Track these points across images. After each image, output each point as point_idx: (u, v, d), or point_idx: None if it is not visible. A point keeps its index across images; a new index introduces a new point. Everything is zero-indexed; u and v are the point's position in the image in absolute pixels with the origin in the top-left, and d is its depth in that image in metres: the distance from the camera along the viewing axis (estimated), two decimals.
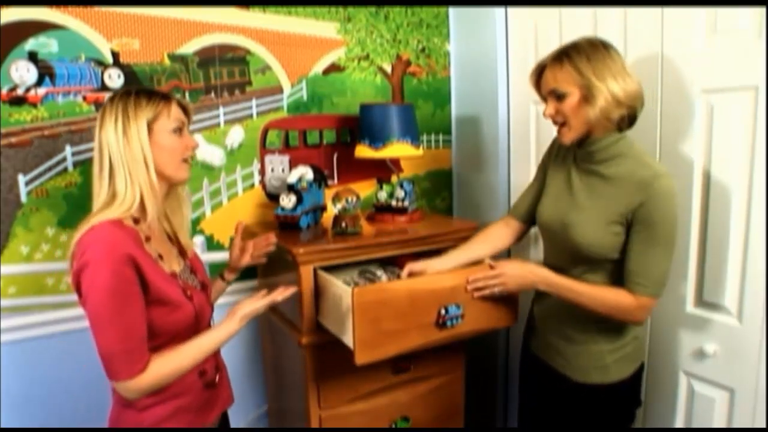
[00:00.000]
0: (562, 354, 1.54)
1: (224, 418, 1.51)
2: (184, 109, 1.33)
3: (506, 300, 1.64)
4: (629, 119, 1.39)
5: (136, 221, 1.24)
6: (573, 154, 1.52)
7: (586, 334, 1.49)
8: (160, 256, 1.28)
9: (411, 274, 1.61)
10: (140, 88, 1.30)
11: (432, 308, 1.54)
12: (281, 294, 1.38)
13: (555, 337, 1.56)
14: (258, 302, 1.35)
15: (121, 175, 1.20)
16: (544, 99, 1.47)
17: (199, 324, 1.31)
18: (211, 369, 1.37)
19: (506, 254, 2.17)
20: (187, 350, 1.24)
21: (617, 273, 1.43)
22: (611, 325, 1.46)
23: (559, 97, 1.41)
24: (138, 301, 1.16)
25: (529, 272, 1.52)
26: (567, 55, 1.39)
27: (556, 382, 1.56)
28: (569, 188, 1.51)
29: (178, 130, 1.29)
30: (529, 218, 1.69)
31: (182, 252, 1.40)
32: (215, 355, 1.39)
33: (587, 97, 1.36)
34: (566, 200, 1.50)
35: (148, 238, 1.26)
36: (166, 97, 1.29)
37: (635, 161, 1.39)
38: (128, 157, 1.20)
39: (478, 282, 1.56)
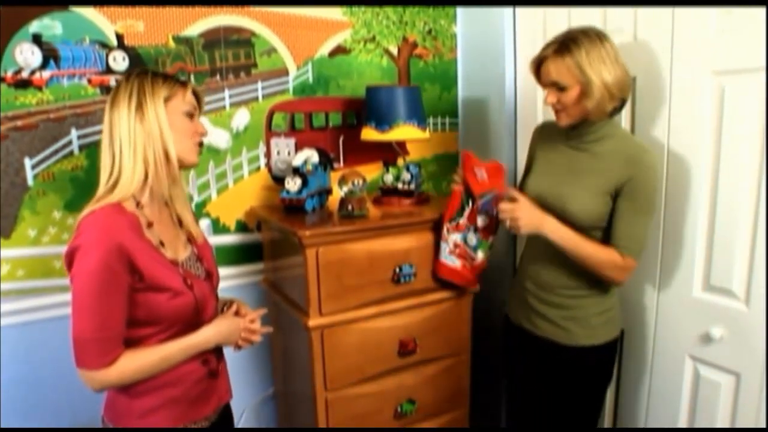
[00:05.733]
0: (551, 321, 1.65)
1: (226, 412, 1.47)
2: (197, 97, 1.34)
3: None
4: (619, 107, 1.54)
5: (139, 205, 1.24)
6: (563, 134, 1.64)
7: (575, 300, 1.62)
8: (162, 243, 1.26)
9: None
10: (155, 71, 1.31)
11: (389, 267, 1.79)
12: (258, 335, 1.44)
13: (545, 306, 1.66)
14: (239, 334, 1.39)
15: (128, 155, 1.20)
16: (544, 86, 1.57)
17: (200, 313, 1.30)
18: (212, 357, 1.36)
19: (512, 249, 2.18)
20: (160, 351, 1.23)
21: (603, 240, 1.57)
22: (596, 292, 1.61)
23: (561, 88, 1.51)
24: (121, 294, 1.15)
25: (541, 218, 1.57)
26: (567, 49, 1.47)
27: (544, 349, 1.67)
28: (561, 164, 1.63)
29: (190, 115, 1.29)
30: None
31: (191, 238, 1.39)
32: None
33: (586, 92, 1.47)
34: (559, 175, 1.62)
35: (150, 224, 1.25)
36: (181, 81, 1.30)
37: (622, 140, 1.55)
38: (140, 134, 1.20)
39: (504, 210, 1.58)
